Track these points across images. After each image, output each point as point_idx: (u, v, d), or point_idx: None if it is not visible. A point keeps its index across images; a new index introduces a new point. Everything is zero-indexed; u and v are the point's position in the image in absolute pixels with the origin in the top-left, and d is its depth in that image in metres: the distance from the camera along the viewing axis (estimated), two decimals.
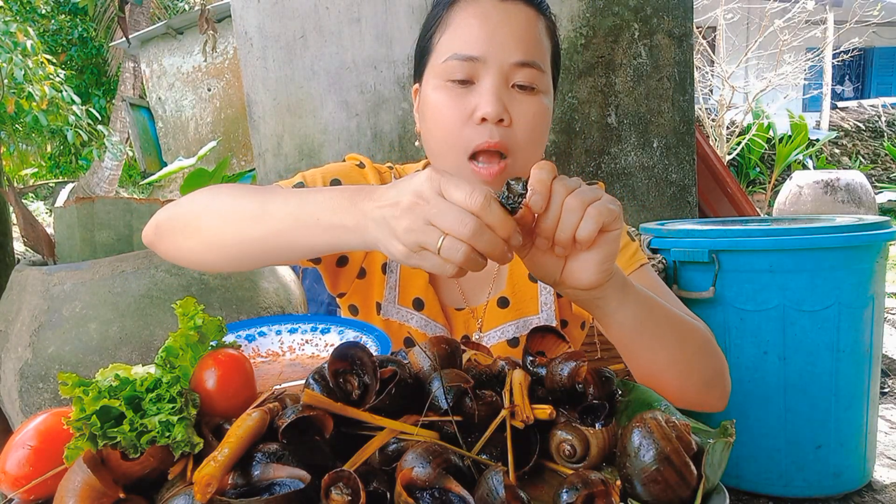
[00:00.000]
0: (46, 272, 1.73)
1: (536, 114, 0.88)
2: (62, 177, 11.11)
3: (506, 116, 0.86)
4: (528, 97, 0.88)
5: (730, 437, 0.53)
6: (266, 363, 0.82)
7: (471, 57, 0.86)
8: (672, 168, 2.97)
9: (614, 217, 0.62)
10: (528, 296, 1.02)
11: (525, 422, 0.55)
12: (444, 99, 0.88)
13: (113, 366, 0.59)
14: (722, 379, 0.85)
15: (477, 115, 0.85)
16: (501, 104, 0.85)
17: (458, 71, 0.86)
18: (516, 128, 0.87)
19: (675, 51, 2.90)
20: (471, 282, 1.05)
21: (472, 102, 0.86)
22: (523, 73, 0.86)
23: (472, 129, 0.86)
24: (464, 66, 0.86)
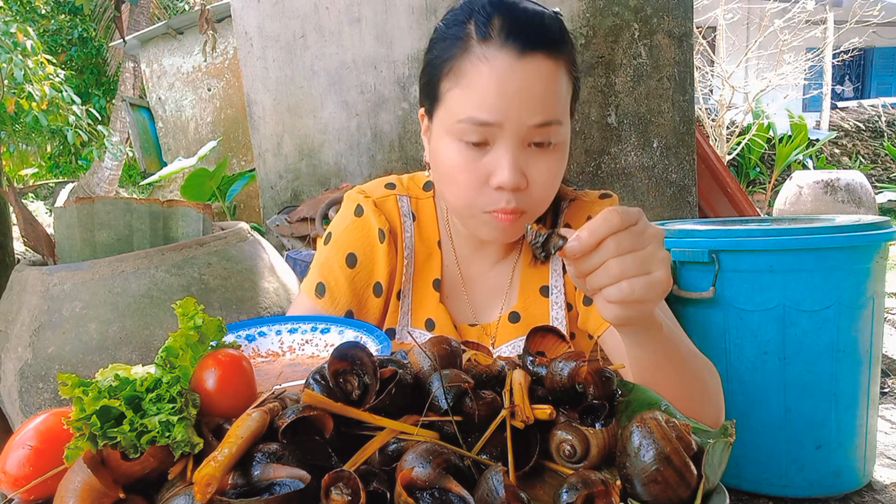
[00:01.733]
0: (46, 272, 1.73)
1: (554, 170, 0.87)
2: (62, 177, 11.12)
3: (522, 182, 0.84)
4: (547, 154, 0.86)
5: (730, 437, 0.53)
6: (266, 363, 0.82)
7: (487, 123, 0.82)
8: (672, 168, 2.98)
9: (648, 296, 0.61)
10: (539, 310, 1.02)
11: (525, 422, 0.55)
12: (457, 161, 0.85)
13: (113, 366, 0.59)
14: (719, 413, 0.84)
15: (493, 182, 0.84)
16: (519, 172, 0.83)
17: (472, 134, 0.83)
18: (534, 189, 0.86)
19: (675, 51, 2.90)
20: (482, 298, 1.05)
21: (489, 167, 0.84)
22: (542, 133, 0.84)
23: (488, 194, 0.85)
24: (479, 129, 0.83)
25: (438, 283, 1.03)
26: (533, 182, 0.85)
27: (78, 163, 10.82)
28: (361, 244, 1.03)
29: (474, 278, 1.05)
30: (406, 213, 1.06)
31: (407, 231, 1.05)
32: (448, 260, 1.06)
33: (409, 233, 1.05)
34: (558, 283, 1.03)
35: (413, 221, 1.06)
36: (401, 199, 1.06)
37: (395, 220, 1.04)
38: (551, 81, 0.84)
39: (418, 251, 1.05)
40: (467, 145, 0.85)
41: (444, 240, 1.06)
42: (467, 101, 0.83)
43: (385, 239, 1.02)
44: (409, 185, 1.09)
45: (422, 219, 1.06)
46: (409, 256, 1.04)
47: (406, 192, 1.07)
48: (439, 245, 1.05)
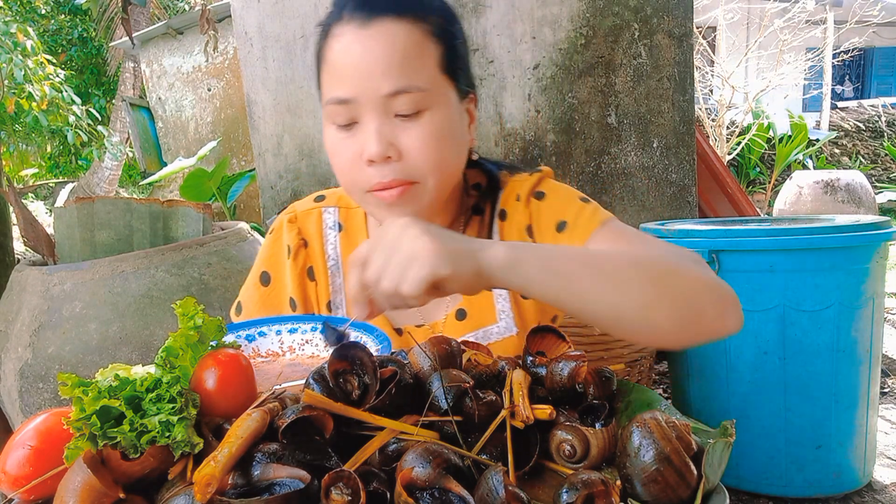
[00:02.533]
0: (46, 272, 1.74)
1: (427, 137, 0.84)
2: (62, 177, 11.12)
3: (392, 152, 0.83)
4: (414, 122, 0.84)
5: (730, 437, 0.53)
6: (266, 363, 0.82)
7: (344, 100, 0.83)
8: (672, 168, 2.98)
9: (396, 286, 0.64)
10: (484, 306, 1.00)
11: (525, 422, 0.55)
12: (334, 144, 0.88)
13: (113, 366, 0.59)
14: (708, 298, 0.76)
15: (364, 157, 0.84)
16: (384, 142, 0.83)
17: (338, 115, 0.85)
18: (410, 157, 0.84)
19: (675, 51, 2.90)
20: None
21: (359, 143, 0.85)
22: (400, 102, 0.82)
23: (365, 171, 0.85)
24: (341, 109, 0.84)
25: None
26: (405, 152, 0.84)
27: (78, 163, 10.82)
28: (273, 262, 1.05)
29: None
30: (331, 224, 1.06)
31: (330, 243, 1.05)
32: None
33: (334, 244, 1.05)
34: None
35: (339, 232, 1.06)
36: (326, 210, 1.07)
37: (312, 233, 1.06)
38: (401, 44, 0.82)
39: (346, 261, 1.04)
40: (339, 128, 0.86)
41: None
42: (328, 84, 0.86)
43: (291, 254, 1.04)
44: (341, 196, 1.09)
45: (350, 228, 1.06)
46: (333, 267, 1.05)
47: (336, 204, 1.08)
48: None
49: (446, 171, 0.89)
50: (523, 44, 2.88)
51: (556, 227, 0.95)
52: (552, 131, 2.93)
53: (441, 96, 0.86)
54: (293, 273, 1.03)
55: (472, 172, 1.05)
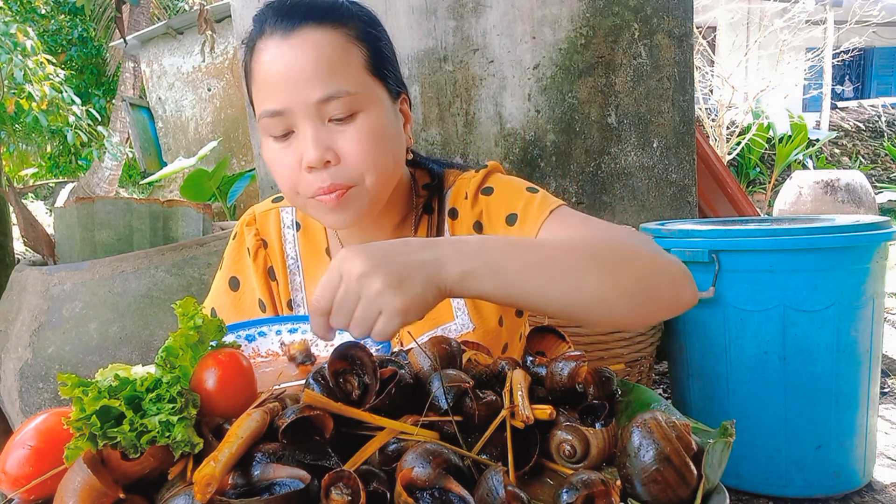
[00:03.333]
0: (46, 272, 1.74)
1: (363, 137, 0.85)
2: (62, 177, 11.11)
3: (330, 156, 0.84)
4: (347, 126, 0.85)
5: (730, 437, 0.53)
6: (266, 363, 0.82)
7: (276, 111, 0.84)
8: (672, 168, 2.98)
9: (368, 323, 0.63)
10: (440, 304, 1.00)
11: (525, 422, 0.55)
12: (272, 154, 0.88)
13: (113, 366, 0.59)
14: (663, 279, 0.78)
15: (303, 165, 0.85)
16: (321, 147, 0.83)
17: (273, 127, 0.85)
18: (347, 160, 0.85)
19: (675, 51, 2.90)
20: None
21: (298, 151, 0.85)
22: (331, 107, 0.83)
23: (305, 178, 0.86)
24: (274, 121, 0.85)
25: None
26: (344, 155, 0.85)
27: (78, 163, 10.82)
28: (240, 266, 1.07)
29: None
30: (289, 224, 1.08)
31: (288, 242, 1.07)
32: None
33: (292, 242, 1.07)
34: None
35: (297, 231, 1.07)
36: (284, 210, 1.08)
37: (270, 233, 1.07)
38: (323, 51, 0.83)
39: (306, 259, 1.06)
40: (276, 139, 0.87)
41: (332, 246, 1.06)
42: (259, 98, 0.87)
43: (252, 255, 1.05)
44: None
45: (308, 227, 1.07)
46: (293, 266, 1.06)
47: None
48: (328, 252, 1.06)
49: (384, 170, 0.89)
50: (523, 44, 2.88)
51: (506, 221, 0.95)
52: (552, 131, 2.93)
53: (372, 98, 0.87)
54: (256, 274, 1.05)
55: (421, 172, 1.06)
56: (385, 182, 0.91)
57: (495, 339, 1.01)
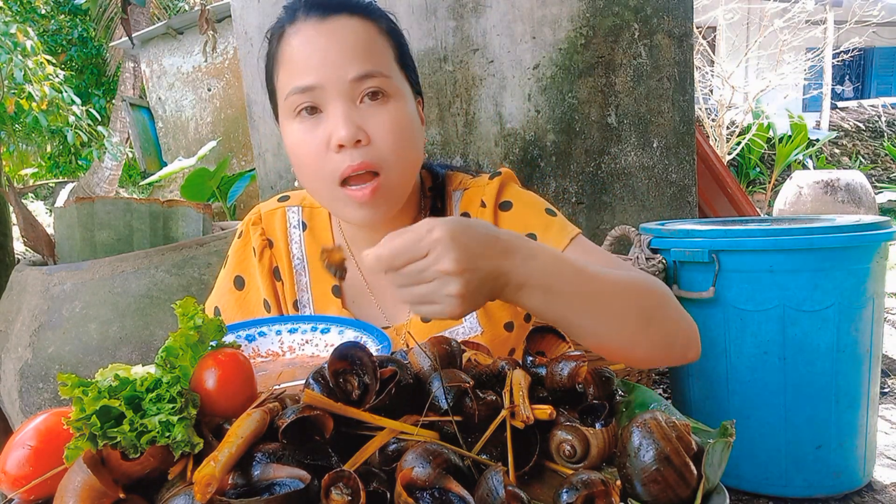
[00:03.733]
0: (46, 272, 1.74)
1: (393, 121, 0.86)
2: (62, 177, 11.12)
3: (362, 135, 0.84)
4: (380, 107, 0.85)
5: (730, 437, 0.53)
6: (266, 363, 0.82)
7: (308, 87, 0.84)
8: (672, 168, 2.98)
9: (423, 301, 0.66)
10: None
11: (525, 422, 0.55)
12: (298, 135, 0.87)
13: (113, 366, 0.59)
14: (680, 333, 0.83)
15: (333, 143, 0.84)
16: (353, 125, 0.83)
17: (301, 103, 0.85)
18: (377, 142, 0.85)
19: (675, 51, 2.90)
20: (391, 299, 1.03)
21: (326, 131, 0.84)
22: (366, 85, 0.84)
23: (333, 158, 0.85)
24: (304, 96, 0.84)
25: (338, 289, 1.03)
26: (375, 135, 0.85)
27: (78, 163, 10.82)
28: (245, 266, 1.06)
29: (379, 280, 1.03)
30: (295, 223, 1.07)
31: (294, 242, 1.06)
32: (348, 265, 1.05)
33: (298, 243, 1.06)
34: None
35: (303, 231, 1.06)
36: (290, 210, 1.08)
37: (276, 233, 1.06)
38: (361, 36, 0.85)
39: (312, 260, 1.05)
40: (302, 118, 0.86)
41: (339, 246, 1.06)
42: (288, 75, 0.86)
43: (257, 255, 1.04)
44: (305, 196, 1.09)
45: (314, 227, 1.07)
46: (299, 266, 1.05)
47: (300, 203, 1.08)
48: None
49: (409, 162, 0.90)
50: (523, 44, 2.88)
51: None
52: (552, 131, 2.93)
53: (400, 89, 0.89)
54: (261, 274, 1.04)
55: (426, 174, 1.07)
56: (409, 175, 0.92)
57: (503, 343, 1.01)
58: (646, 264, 2.15)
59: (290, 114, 0.87)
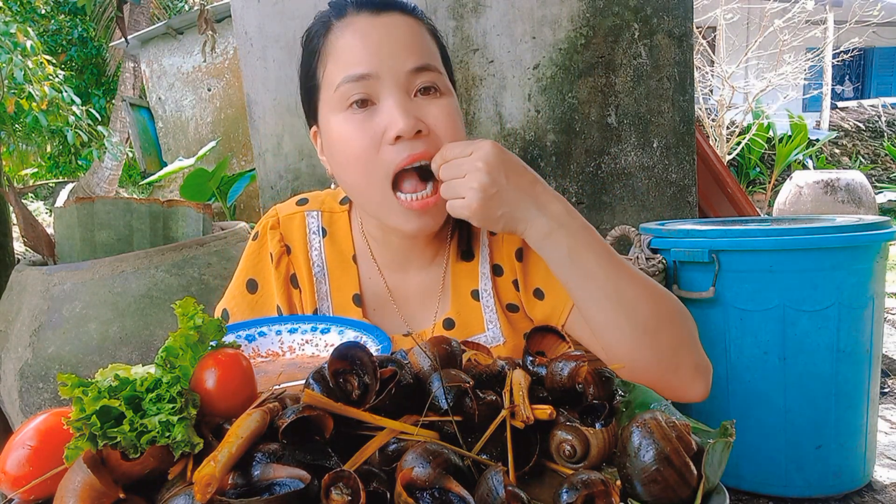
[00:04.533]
0: (46, 272, 1.74)
1: (450, 114, 0.85)
2: (62, 177, 11.11)
3: (422, 126, 0.82)
4: (436, 100, 0.84)
5: (730, 437, 0.53)
6: (266, 363, 0.82)
7: (363, 75, 0.81)
8: (672, 168, 2.97)
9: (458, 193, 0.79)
10: (473, 315, 0.99)
11: (525, 422, 0.55)
12: (349, 128, 0.83)
13: (113, 366, 0.59)
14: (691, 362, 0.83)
15: (390, 135, 0.81)
16: (412, 115, 0.81)
17: (354, 93, 0.82)
18: (436, 133, 0.83)
19: (675, 51, 2.90)
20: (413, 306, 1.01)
21: (381, 124, 0.81)
22: (422, 78, 0.83)
23: (388, 151, 0.82)
24: (358, 86, 0.82)
25: (358, 298, 1.00)
26: (434, 127, 0.83)
27: (78, 163, 10.82)
28: (259, 269, 1.02)
29: (401, 287, 1.01)
30: (315, 229, 1.03)
31: (314, 248, 1.02)
32: (369, 272, 1.02)
33: (318, 250, 1.02)
34: (487, 286, 0.99)
35: (323, 237, 1.03)
36: (309, 214, 1.04)
37: (295, 239, 1.02)
38: (415, 32, 0.87)
39: (332, 267, 1.02)
40: (353, 109, 0.83)
41: (360, 253, 1.02)
42: (339, 67, 0.84)
43: (274, 261, 1.01)
44: (325, 199, 1.06)
45: (335, 233, 1.03)
46: (319, 273, 1.01)
47: (319, 208, 1.05)
48: (354, 259, 1.02)
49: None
50: (523, 44, 2.88)
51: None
52: (552, 131, 2.93)
53: (450, 87, 0.89)
54: (277, 281, 1.00)
55: None
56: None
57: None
58: (646, 264, 2.15)
59: (339, 107, 0.84)
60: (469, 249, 1.01)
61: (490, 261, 1.00)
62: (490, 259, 1.00)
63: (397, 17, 0.86)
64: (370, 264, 1.02)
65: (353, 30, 0.84)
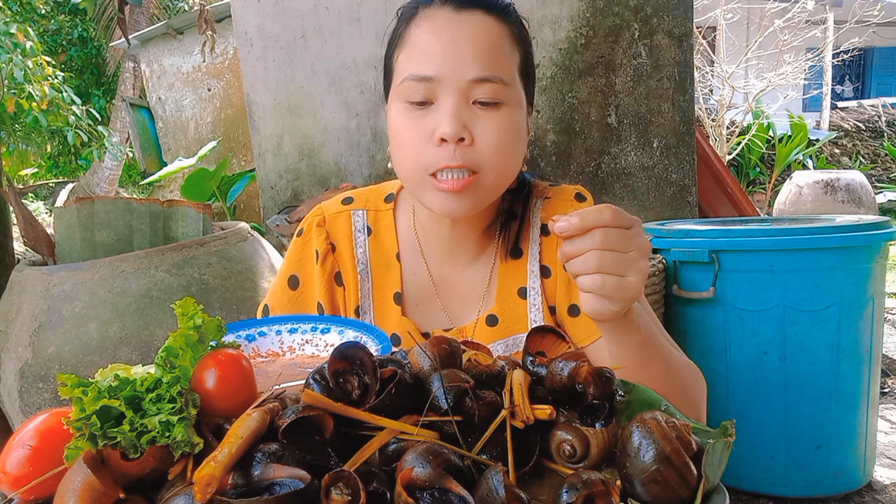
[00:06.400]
0: (46, 272, 1.73)
1: (501, 129, 0.85)
2: (62, 177, 11.12)
3: (466, 135, 0.83)
4: (491, 113, 0.85)
5: (730, 437, 0.53)
6: (266, 363, 0.82)
7: (425, 77, 0.83)
8: (672, 168, 2.97)
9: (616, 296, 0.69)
10: (517, 314, 1.00)
11: (525, 422, 0.55)
12: (403, 121, 0.86)
13: (113, 366, 0.59)
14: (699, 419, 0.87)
15: (436, 136, 0.83)
16: (460, 123, 0.83)
17: (414, 92, 0.85)
18: (479, 145, 0.84)
19: (675, 51, 2.90)
20: (458, 301, 1.02)
21: (432, 123, 0.84)
22: (483, 89, 0.84)
23: (433, 150, 0.84)
24: (420, 86, 0.84)
25: (399, 296, 1.01)
26: (479, 139, 0.84)
27: (78, 163, 10.82)
28: (302, 265, 1.03)
29: (447, 281, 1.03)
30: (360, 227, 1.04)
31: (360, 247, 1.03)
32: (413, 269, 1.03)
33: (363, 248, 1.03)
34: (536, 284, 1.00)
35: (368, 236, 1.04)
36: (355, 213, 1.05)
37: (341, 237, 1.03)
38: (491, 37, 0.85)
39: (375, 266, 1.03)
40: (412, 105, 0.86)
41: (406, 249, 1.03)
42: (409, 60, 0.86)
43: (319, 259, 1.01)
44: (369, 198, 1.07)
45: (379, 232, 1.05)
46: (363, 272, 1.02)
47: (364, 206, 1.06)
48: (398, 258, 1.03)
49: (507, 170, 0.90)
50: None
51: None
52: (552, 131, 2.93)
53: (517, 97, 0.89)
54: (321, 278, 1.01)
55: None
56: (503, 182, 0.92)
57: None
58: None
59: (401, 98, 0.87)
60: (517, 247, 1.01)
61: (539, 260, 1.01)
62: (539, 259, 1.01)
63: (480, 16, 0.85)
64: (417, 259, 1.03)
65: (430, 24, 0.85)
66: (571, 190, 1.05)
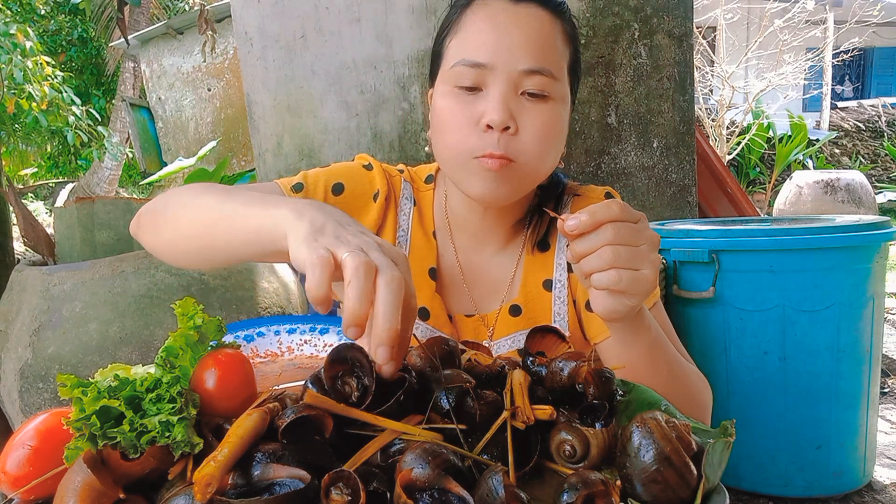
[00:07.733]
0: (46, 272, 1.73)
1: (546, 122, 0.86)
2: (62, 177, 11.11)
3: (512, 124, 0.84)
4: (538, 105, 0.86)
5: (730, 437, 0.53)
6: (265, 363, 0.82)
7: (478, 63, 0.85)
8: (672, 168, 2.97)
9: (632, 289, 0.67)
10: (541, 305, 1.00)
11: (525, 422, 0.55)
12: (451, 105, 0.87)
13: (113, 366, 0.59)
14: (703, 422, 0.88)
15: (482, 122, 0.84)
16: (507, 111, 0.84)
17: (465, 77, 0.86)
18: (523, 136, 0.85)
19: (675, 51, 2.90)
20: (483, 289, 1.03)
21: (479, 109, 0.85)
22: (533, 81, 0.85)
23: (477, 136, 0.85)
24: (471, 72, 0.85)
25: (434, 272, 1.02)
26: (523, 129, 0.85)
27: (78, 163, 10.81)
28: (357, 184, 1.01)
29: (474, 269, 1.04)
30: (408, 195, 1.06)
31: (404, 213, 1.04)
32: (445, 250, 1.04)
33: (407, 215, 1.04)
34: (562, 277, 1.01)
35: (413, 206, 1.05)
36: (405, 183, 1.07)
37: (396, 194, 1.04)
38: (544, 31, 0.86)
39: (415, 237, 1.04)
40: (460, 90, 0.87)
41: (440, 231, 1.05)
42: (462, 45, 0.87)
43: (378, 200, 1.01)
44: (413, 176, 1.09)
45: (421, 207, 1.06)
46: (402, 238, 1.03)
47: (410, 180, 1.08)
48: (434, 235, 1.04)
49: (546, 164, 0.90)
50: None
51: None
52: None
53: (563, 93, 0.90)
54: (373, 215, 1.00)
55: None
56: (540, 176, 0.93)
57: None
58: None
59: (451, 82, 0.88)
60: (545, 240, 1.02)
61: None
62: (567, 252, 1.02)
63: (534, 9, 0.86)
64: (447, 244, 1.04)
65: (486, 13, 0.86)
66: (601, 190, 1.06)
